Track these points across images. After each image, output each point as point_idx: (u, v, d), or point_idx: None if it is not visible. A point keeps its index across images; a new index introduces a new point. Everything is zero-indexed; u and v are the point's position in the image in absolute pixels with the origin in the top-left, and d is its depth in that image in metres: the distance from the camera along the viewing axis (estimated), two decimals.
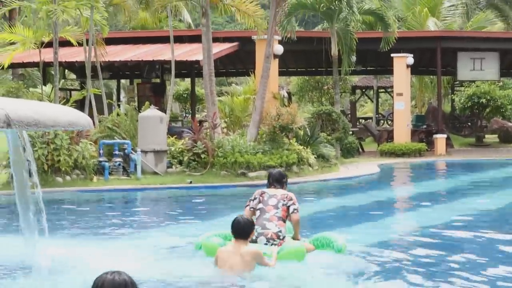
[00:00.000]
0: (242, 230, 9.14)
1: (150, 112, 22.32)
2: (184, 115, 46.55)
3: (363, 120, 48.81)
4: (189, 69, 34.96)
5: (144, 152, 21.42)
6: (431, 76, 44.56)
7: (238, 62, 38.74)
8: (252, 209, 10.13)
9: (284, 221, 9.97)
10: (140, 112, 23.31)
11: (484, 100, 37.41)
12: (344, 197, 19.17)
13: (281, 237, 9.81)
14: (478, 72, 36.88)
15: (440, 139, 33.39)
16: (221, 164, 21.43)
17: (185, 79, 48.83)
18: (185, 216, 15.03)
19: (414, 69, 36.44)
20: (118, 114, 23.81)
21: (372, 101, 52.43)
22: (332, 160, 25.27)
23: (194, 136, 22.35)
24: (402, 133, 32.91)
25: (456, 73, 37.44)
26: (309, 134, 25.23)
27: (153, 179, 20.65)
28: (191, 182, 20.25)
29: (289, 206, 10.01)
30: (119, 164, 21.04)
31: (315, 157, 23.87)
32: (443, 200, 18.72)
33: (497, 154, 33.90)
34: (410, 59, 33.22)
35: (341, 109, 36.04)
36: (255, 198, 10.22)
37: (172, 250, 10.98)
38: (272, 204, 10.04)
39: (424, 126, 36.68)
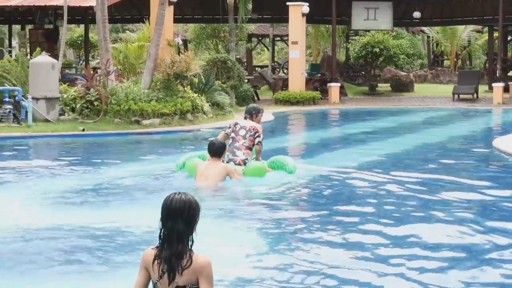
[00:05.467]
0: (216, 151, 11.42)
1: (42, 58, 21.90)
2: (79, 62, 45.79)
3: (259, 68, 48.96)
4: (83, 15, 34.28)
5: (36, 99, 21.03)
6: (326, 25, 44.91)
7: (133, 8, 38.23)
8: (226, 134, 12.39)
9: (250, 149, 12.29)
10: (31, 59, 22.83)
11: (377, 50, 37.99)
12: None
13: (246, 162, 12.13)
14: (372, 21, 37.47)
15: (334, 87, 33.85)
16: (114, 111, 21.25)
17: (80, 25, 47.92)
18: (77, 163, 14.88)
19: (310, 18, 36.66)
20: (8, 61, 23.26)
21: (268, 49, 52.61)
22: (226, 108, 25.36)
23: (87, 83, 22.06)
24: (297, 82, 33.19)
25: (350, 22, 37.90)
26: (204, 81, 25.20)
27: (45, 127, 20.35)
28: (83, 130, 20.03)
29: (255, 138, 12.28)
30: (10, 112, 20.63)
31: (209, 105, 23.90)
32: (336, 146, 19.10)
33: (389, 102, 34.62)
34: (305, 7, 33.40)
35: (237, 57, 36.07)
36: (229, 127, 12.52)
37: (64, 196, 11.00)
38: (242, 134, 12.29)
39: (319, 75, 37.08)
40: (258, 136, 12.34)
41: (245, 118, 12.78)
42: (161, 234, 4.95)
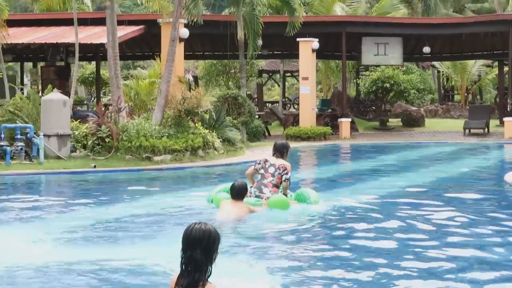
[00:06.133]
0: (238, 193, 11.90)
1: (53, 95, 22.03)
2: (90, 99, 46.00)
3: (270, 104, 49.06)
4: (94, 52, 34.54)
5: (47, 136, 21.12)
6: (337, 61, 45.07)
7: (144, 45, 38.44)
8: (255, 169, 13.00)
9: (278, 187, 12.81)
10: (43, 96, 22.96)
11: (388, 85, 38.06)
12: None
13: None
14: (382, 57, 37.54)
15: (345, 122, 33.85)
16: (126, 148, 21.30)
17: (91, 62, 48.24)
18: (89, 200, 14.87)
19: (320, 54, 36.79)
20: (20, 98, 23.40)
21: (279, 85, 52.75)
22: (237, 144, 25.39)
23: (99, 120, 22.14)
24: (307, 117, 33.24)
25: (360, 57, 38.00)
26: (214, 118, 25.26)
27: (56, 164, 20.39)
28: (95, 167, 20.07)
29: (282, 175, 12.80)
30: (21, 149, 20.70)
31: (220, 141, 23.94)
32: (350, 181, 19.08)
33: (401, 137, 34.59)
34: (315, 43, 33.55)
35: (248, 93, 36.19)
36: (259, 163, 13.07)
37: (77, 232, 11.02)
38: (271, 172, 12.83)
39: (329, 110, 37.09)
40: (286, 174, 12.88)
41: (274, 155, 13.21)
42: (182, 262, 5.16)
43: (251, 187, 12.85)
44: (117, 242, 10.45)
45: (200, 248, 5.12)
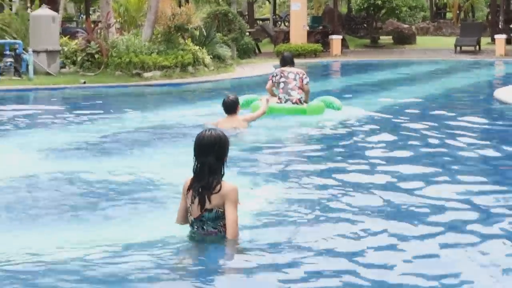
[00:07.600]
0: (230, 107, 11.86)
1: (42, 11, 21.84)
2: (80, 15, 45.58)
3: (260, 21, 48.72)
4: None
5: (36, 52, 21.01)
6: None
7: None
8: (274, 83, 13.88)
9: (302, 89, 13.69)
10: (32, 12, 22.77)
11: (379, 2, 37.77)
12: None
13: (302, 101, 13.68)
14: None
15: (335, 40, 33.71)
16: (115, 64, 21.24)
17: None
18: (80, 115, 14.86)
19: None
20: (8, 14, 23.19)
21: (270, 2, 52.30)
22: (228, 60, 25.30)
23: (88, 36, 22.00)
24: (298, 34, 33.05)
25: None
26: (205, 34, 25.10)
27: (46, 80, 20.36)
28: (85, 82, 20.04)
29: (303, 79, 13.73)
30: (10, 64, 20.62)
31: (211, 58, 23.84)
32: (346, 96, 19.18)
33: (391, 55, 34.51)
34: None
35: (238, 10, 35.88)
36: (276, 75, 13.90)
37: (70, 145, 11.10)
38: (292, 77, 13.70)
39: (320, 27, 36.88)
40: (306, 78, 13.81)
41: (287, 66, 13.99)
42: (195, 168, 5.85)
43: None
44: (111, 154, 10.42)
45: (212, 153, 5.77)
